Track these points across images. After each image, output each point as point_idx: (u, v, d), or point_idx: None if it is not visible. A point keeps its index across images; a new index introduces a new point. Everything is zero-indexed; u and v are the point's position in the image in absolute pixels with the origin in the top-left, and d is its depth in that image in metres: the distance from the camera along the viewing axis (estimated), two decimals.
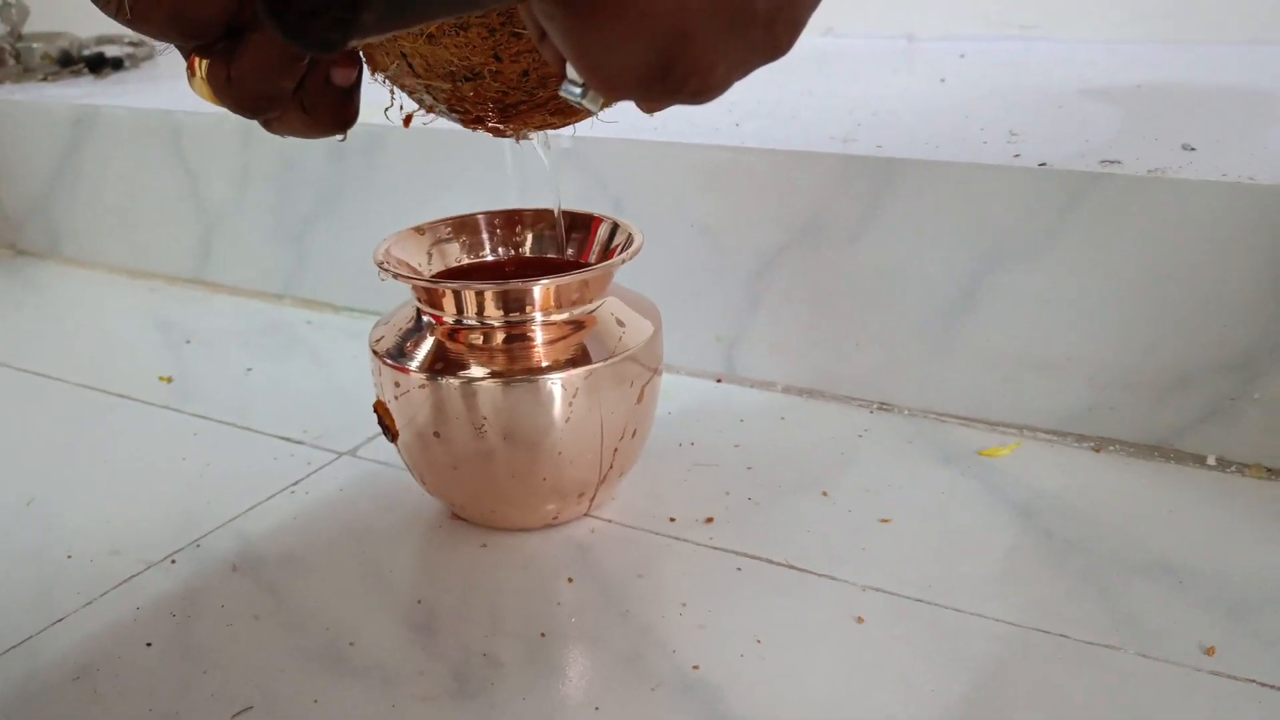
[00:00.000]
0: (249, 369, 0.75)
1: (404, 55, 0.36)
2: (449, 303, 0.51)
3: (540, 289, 0.50)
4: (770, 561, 0.52)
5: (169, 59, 1.10)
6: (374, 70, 0.39)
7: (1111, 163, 0.58)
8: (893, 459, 0.60)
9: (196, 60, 0.35)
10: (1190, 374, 0.58)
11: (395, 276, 0.51)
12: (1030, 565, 0.51)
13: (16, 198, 0.99)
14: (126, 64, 1.05)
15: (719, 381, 0.70)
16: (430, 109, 0.40)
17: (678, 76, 0.26)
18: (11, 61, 1.02)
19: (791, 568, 0.51)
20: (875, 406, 0.66)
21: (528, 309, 0.50)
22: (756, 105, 0.75)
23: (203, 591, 0.51)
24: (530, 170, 0.72)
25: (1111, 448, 0.60)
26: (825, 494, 0.57)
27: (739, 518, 0.55)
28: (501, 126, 0.40)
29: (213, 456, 0.63)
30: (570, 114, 0.40)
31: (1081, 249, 0.58)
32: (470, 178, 0.74)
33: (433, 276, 0.55)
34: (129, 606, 0.50)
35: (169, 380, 0.73)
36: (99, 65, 1.03)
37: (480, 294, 0.50)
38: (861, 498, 0.57)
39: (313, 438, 0.65)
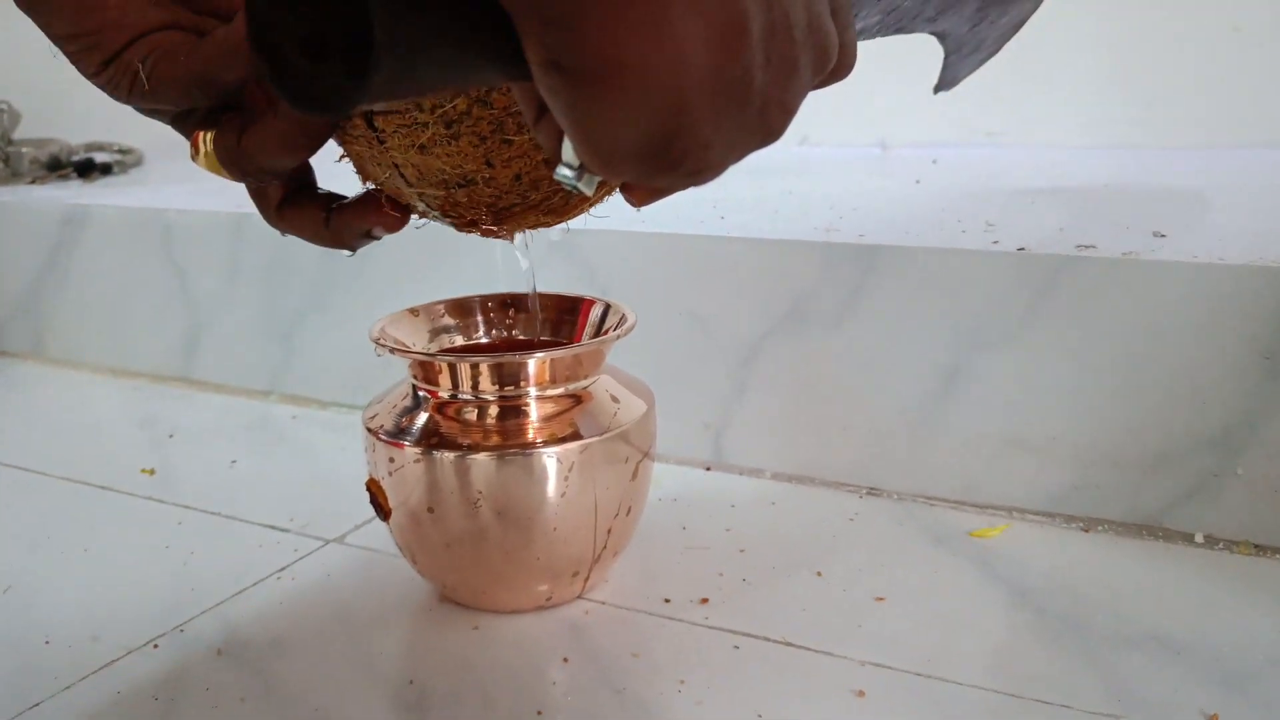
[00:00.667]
0: (233, 461, 0.74)
1: (396, 166, 0.37)
2: (444, 377, 0.51)
3: (535, 363, 0.51)
4: (768, 639, 0.51)
5: (156, 166, 1.12)
6: (365, 179, 0.40)
7: (1086, 247, 0.60)
8: (884, 540, 0.60)
9: (200, 136, 0.36)
10: (1173, 451, 0.58)
11: (392, 351, 0.52)
12: (1026, 641, 0.51)
13: (1, 298, 0.99)
14: (115, 170, 1.07)
15: (708, 470, 0.70)
16: (423, 215, 0.40)
17: (676, 153, 0.27)
18: (1, 165, 1.03)
19: (789, 645, 0.51)
20: (864, 491, 0.66)
21: (522, 383, 0.51)
22: (739, 202, 0.77)
23: (186, 676, 0.50)
24: (518, 272, 0.73)
25: (1100, 527, 0.60)
26: (819, 574, 0.57)
27: (734, 598, 0.55)
28: (495, 228, 0.40)
29: (196, 545, 0.62)
30: (563, 213, 0.40)
31: (1061, 330, 0.60)
32: (460, 271, 0.75)
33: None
34: (109, 691, 0.49)
35: (151, 472, 0.72)
36: (87, 170, 1.05)
37: (476, 367, 0.50)
38: (855, 577, 0.56)
39: (299, 526, 0.64)
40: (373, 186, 0.40)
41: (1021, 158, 0.93)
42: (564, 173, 0.30)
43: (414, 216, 0.41)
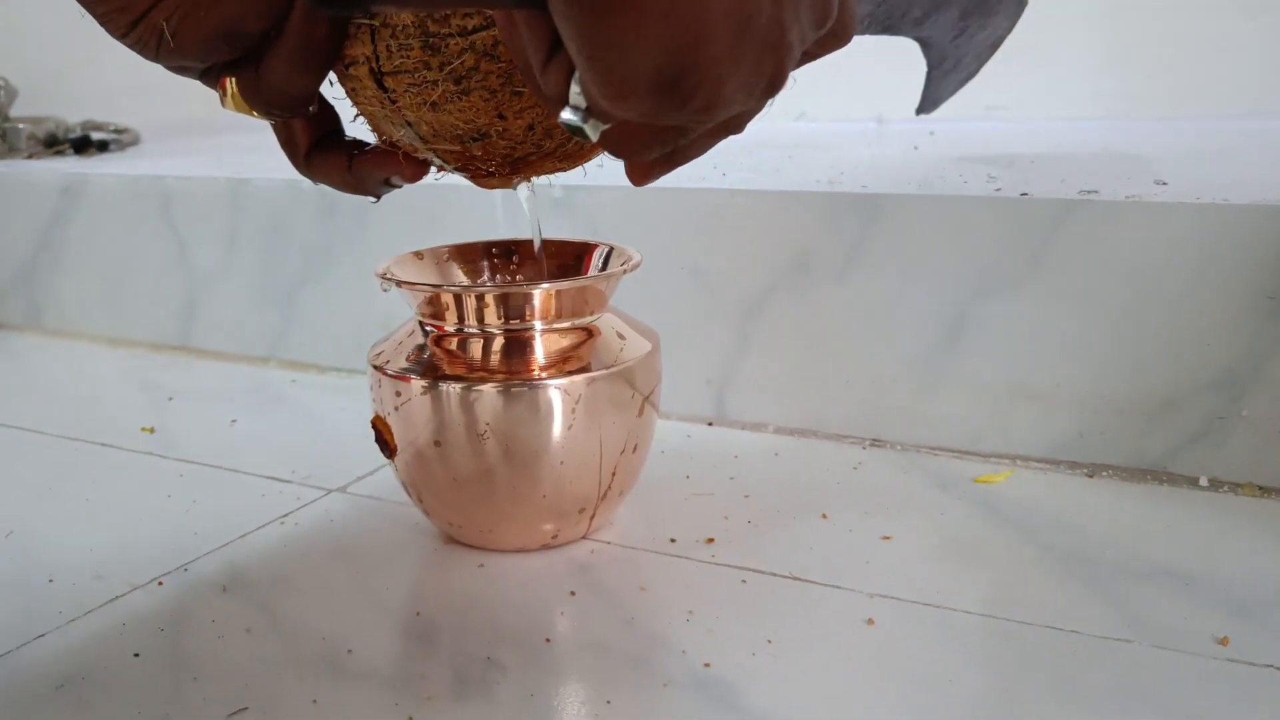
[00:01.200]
0: (233, 420, 0.74)
1: (409, 124, 0.37)
2: (450, 312, 0.51)
3: (541, 294, 0.50)
4: (774, 574, 0.51)
5: (153, 146, 1.12)
6: (380, 138, 0.40)
7: (1090, 192, 0.60)
8: (889, 487, 0.60)
9: (227, 80, 0.36)
10: (1178, 395, 0.58)
11: (398, 284, 0.51)
12: (1034, 574, 0.51)
13: None
14: (111, 148, 1.07)
15: (710, 425, 0.70)
16: (440, 169, 0.41)
17: (690, 85, 0.27)
18: None
19: (796, 579, 0.51)
20: (868, 443, 0.66)
21: (528, 316, 0.51)
22: (740, 163, 0.78)
23: (192, 609, 0.49)
24: (521, 220, 0.73)
25: (1105, 473, 0.60)
26: (824, 516, 0.57)
27: (740, 538, 0.55)
28: (510, 177, 0.40)
29: (199, 494, 0.62)
30: (578, 158, 0.40)
31: (1064, 276, 0.60)
32: (461, 233, 0.74)
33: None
34: (114, 623, 0.48)
35: (151, 431, 0.72)
36: (84, 147, 1.05)
37: (481, 299, 0.50)
38: (861, 519, 0.56)
39: (301, 477, 0.64)
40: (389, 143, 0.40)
41: (1021, 129, 0.93)
42: (568, 117, 0.30)
43: (432, 169, 0.41)
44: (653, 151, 0.33)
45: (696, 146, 0.35)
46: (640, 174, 0.37)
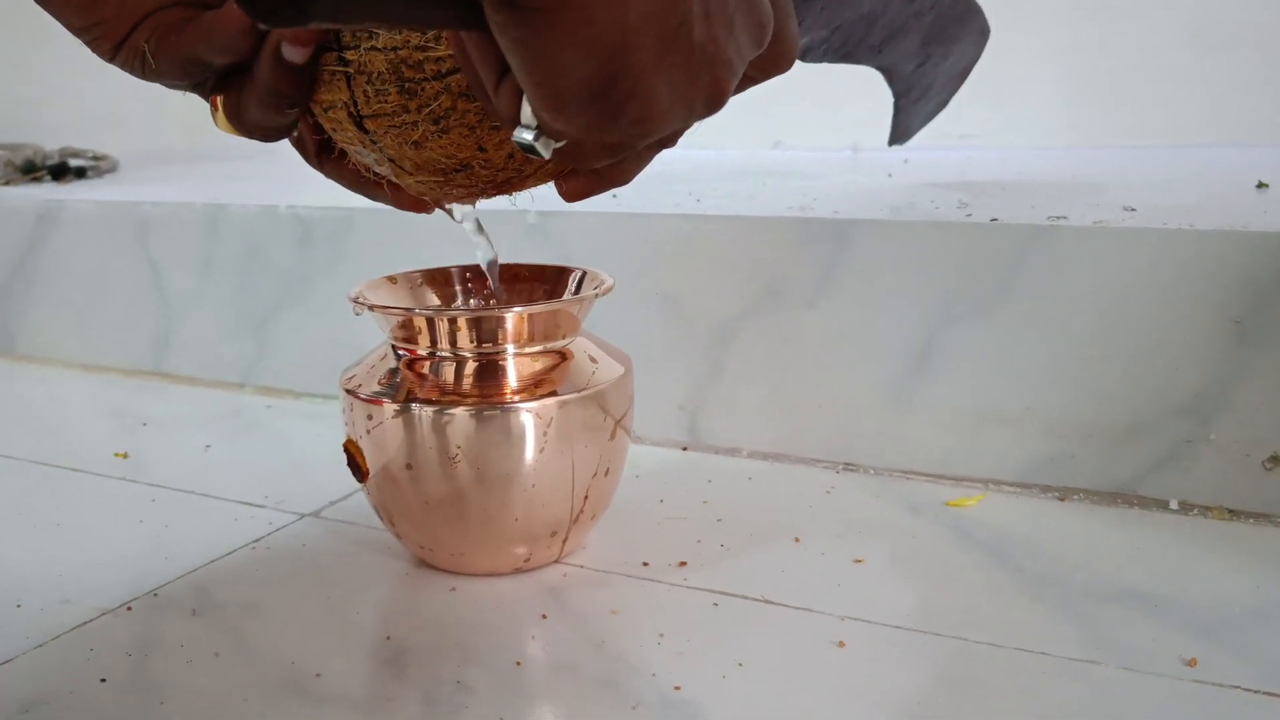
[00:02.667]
0: (207, 446, 0.74)
1: (392, 160, 0.38)
2: (423, 335, 0.51)
3: (514, 318, 0.51)
4: (746, 598, 0.51)
5: (131, 173, 1.12)
6: (365, 170, 0.41)
7: (1058, 218, 0.61)
8: (861, 511, 0.60)
9: (216, 99, 0.37)
10: (1146, 420, 0.59)
11: (371, 308, 0.52)
12: (1005, 596, 0.51)
13: None
14: (89, 174, 1.07)
15: (684, 450, 0.70)
16: (424, 196, 0.41)
17: (620, 94, 0.28)
18: None
19: (768, 602, 0.51)
20: (840, 467, 0.66)
21: (501, 339, 0.51)
22: (715, 190, 0.78)
23: (160, 634, 0.49)
24: (497, 245, 0.73)
25: (1076, 496, 0.61)
26: (797, 540, 0.57)
27: (712, 562, 0.55)
28: (492, 196, 0.41)
29: (171, 519, 0.62)
30: (556, 173, 0.40)
31: (1033, 301, 0.60)
32: (437, 258, 0.75)
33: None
34: (82, 647, 0.48)
35: (124, 456, 0.72)
36: (61, 174, 1.05)
37: (454, 323, 0.51)
38: (833, 543, 0.56)
39: (274, 502, 0.63)
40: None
41: (993, 157, 0.94)
42: (521, 136, 0.31)
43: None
44: (600, 161, 0.33)
45: (633, 163, 0.36)
46: (573, 193, 0.38)
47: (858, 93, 1.03)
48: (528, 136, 0.31)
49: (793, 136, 1.07)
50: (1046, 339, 0.60)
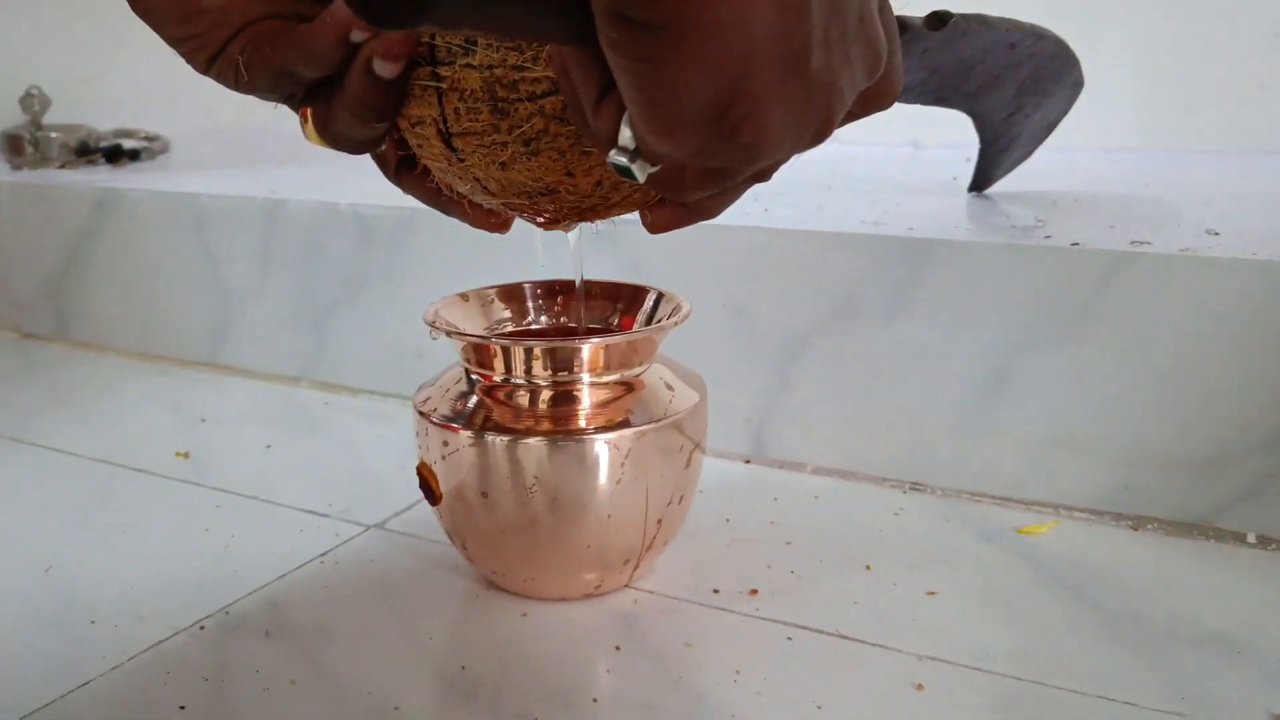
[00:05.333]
0: (268, 446, 0.74)
1: (477, 179, 0.37)
2: (498, 361, 0.51)
3: (589, 349, 0.50)
4: (821, 632, 0.51)
5: (183, 153, 1.12)
6: (447, 190, 0.40)
7: (1142, 243, 0.59)
8: (932, 536, 0.60)
9: (306, 110, 0.37)
10: (1227, 452, 0.58)
11: (447, 334, 0.51)
12: (1085, 637, 0.50)
13: (26, 281, 0.98)
14: (142, 156, 1.06)
15: (747, 462, 0.69)
16: (503, 214, 0.41)
17: (735, 118, 0.27)
18: (30, 150, 1.03)
19: (844, 638, 0.50)
20: (908, 487, 0.65)
21: (576, 369, 0.50)
22: (780, 197, 0.77)
23: (235, 657, 0.49)
24: (561, 250, 0.73)
25: (1149, 526, 0.60)
26: (869, 568, 0.56)
27: (784, 590, 0.54)
28: (575, 222, 0.40)
29: (237, 528, 0.62)
30: (643, 203, 0.40)
31: (1114, 328, 0.59)
32: (500, 259, 0.74)
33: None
34: (158, 671, 0.48)
35: (185, 456, 0.72)
36: (116, 156, 1.05)
37: (530, 352, 0.50)
38: (905, 572, 0.56)
39: (339, 511, 0.63)
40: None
41: (1060, 160, 0.92)
42: (616, 158, 0.30)
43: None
44: (698, 193, 0.33)
45: (728, 196, 0.35)
46: (659, 225, 0.38)
47: None
48: (623, 159, 0.30)
49: (851, 132, 1.05)
50: (1126, 366, 0.59)
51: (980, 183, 0.76)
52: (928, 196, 0.77)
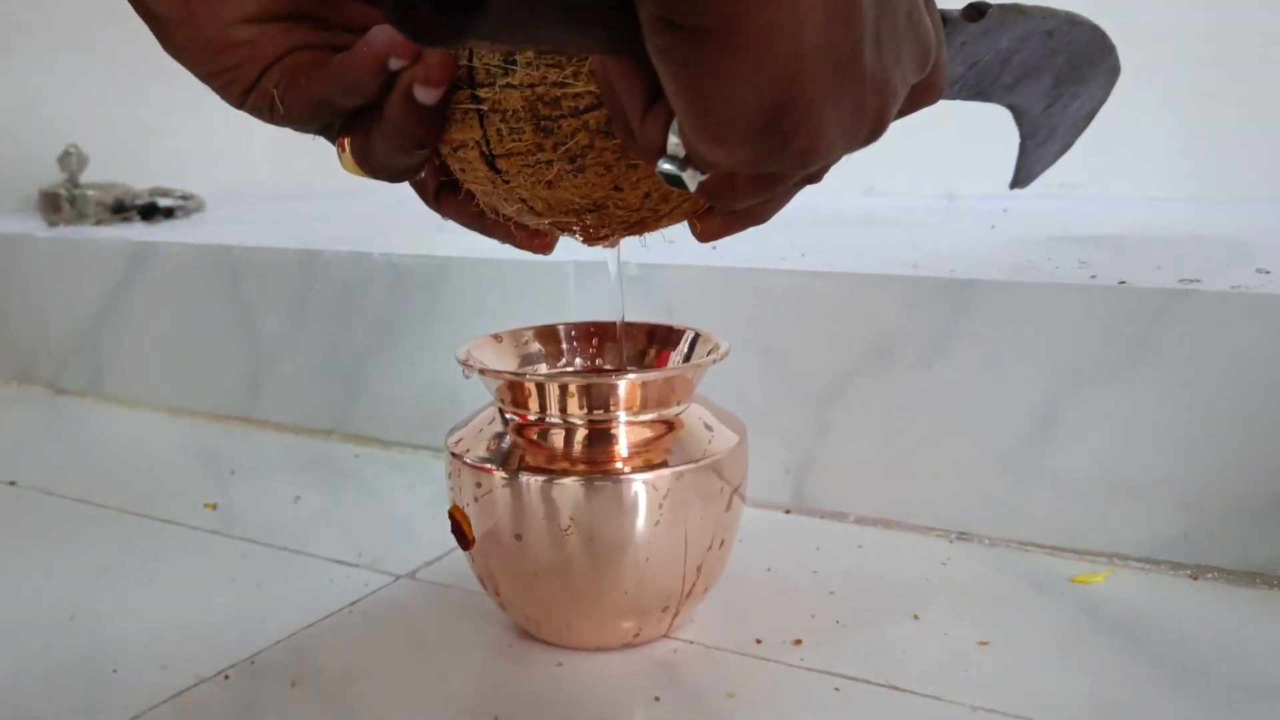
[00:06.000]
0: (297, 497, 0.72)
1: (523, 200, 0.36)
2: (533, 400, 0.49)
3: (625, 385, 0.49)
4: (869, 682, 0.48)
5: (218, 211, 1.12)
6: (491, 213, 0.39)
7: (1191, 281, 0.58)
8: (981, 585, 0.57)
9: (343, 140, 0.36)
10: None
11: (481, 372, 0.50)
12: (1147, 689, 0.47)
13: (61, 335, 0.99)
14: (177, 214, 1.07)
15: (788, 512, 0.67)
16: (549, 233, 0.40)
17: (789, 125, 0.26)
18: (67, 207, 1.04)
19: (894, 688, 0.48)
20: (954, 536, 0.63)
21: (612, 407, 0.49)
22: (816, 243, 0.76)
23: (261, 707, 0.47)
24: (593, 299, 0.72)
25: (1210, 575, 0.57)
26: (916, 617, 0.54)
27: (829, 640, 0.52)
28: (623, 236, 0.39)
29: (264, 577, 0.60)
30: (692, 213, 0.39)
31: (1166, 368, 0.57)
32: (533, 306, 0.73)
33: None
34: None
35: (214, 507, 0.71)
36: (150, 213, 1.05)
37: (565, 389, 0.49)
38: (955, 622, 0.54)
39: (368, 561, 0.62)
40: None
41: (1097, 209, 0.91)
42: (666, 167, 0.29)
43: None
44: (750, 200, 0.32)
45: (778, 202, 0.34)
46: (709, 233, 0.37)
47: (951, 140, 1.00)
48: (673, 167, 0.29)
49: (885, 183, 1.04)
50: (1180, 408, 0.57)
51: (1022, 178, 0.74)
52: (966, 241, 0.76)
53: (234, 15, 0.34)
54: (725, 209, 0.34)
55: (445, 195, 0.39)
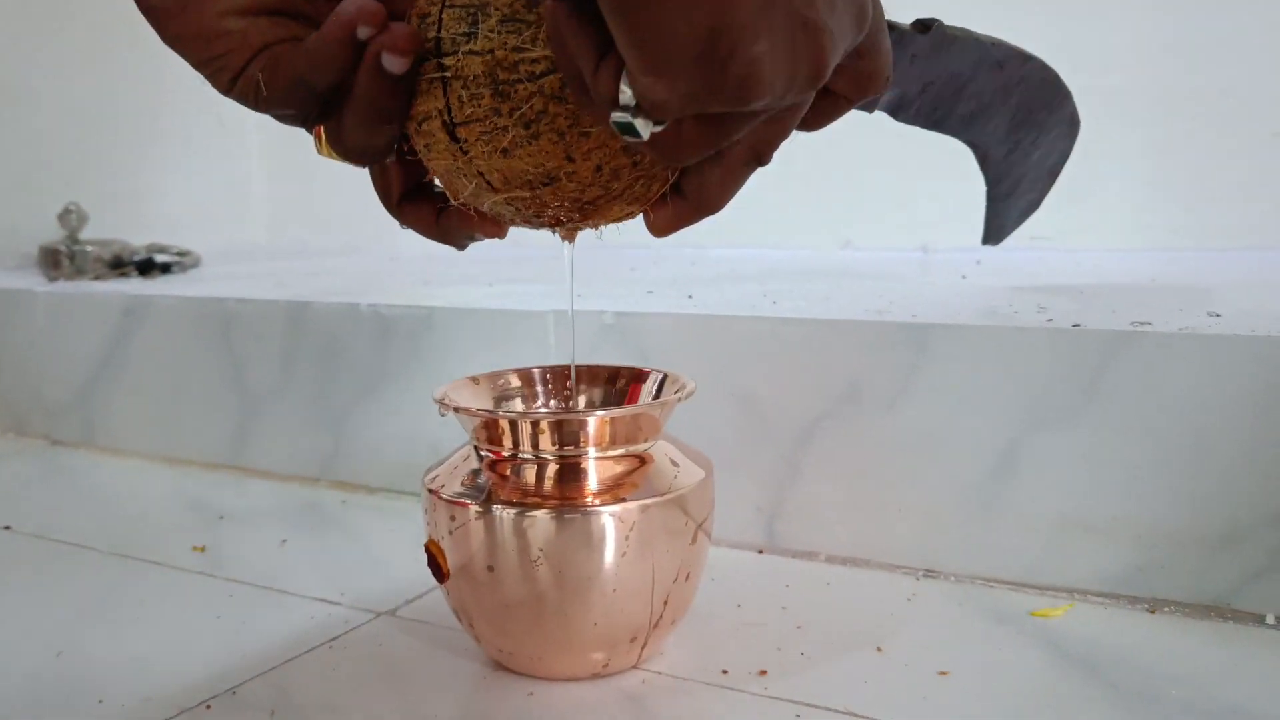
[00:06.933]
0: (283, 540, 0.74)
1: (480, 174, 0.39)
2: (506, 437, 0.51)
3: (595, 422, 0.51)
4: (830, 709, 0.50)
5: (214, 268, 1.15)
6: (454, 196, 0.41)
7: (1142, 324, 0.60)
8: (944, 619, 0.59)
9: (319, 129, 0.39)
10: (1239, 530, 0.57)
11: (455, 410, 0.52)
12: (1100, 715, 0.49)
13: (57, 389, 1.01)
14: (174, 269, 1.10)
15: (760, 552, 0.69)
16: (510, 221, 0.42)
17: (721, 53, 0.29)
18: (66, 263, 1.06)
19: (853, 714, 0.49)
20: (921, 573, 0.65)
21: (582, 443, 0.51)
22: (789, 292, 0.79)
23: None
24: (575, 348, 0.74)
25: (1167, 608, 0.59)
26: (879, 649, 0.56)
27: (793, 670, 0.54)
28: (580, 223, 0.42)
29: (248, 616, 0.62)
30: (644, 199, 0.41)
31: (1120, 408, 0.59)
32: (511, 359, 0.76)
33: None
34: None
35: (202, 550, 0.73)
36: (148, 269, 1.08)
37: (536, 425, 0.51)
38: (917, 652, 0.55)
39: (350, 600, 0.63)
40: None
41: (1067, 260, 0.94)
42: (619, 116, 0.32)
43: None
44: (700, 152, 0.34)
45: (727, 181, 0.37)
46: (661, 224, 0.40)
47: (927, 194, 1.04)
48: (625, 116, 0.32)
49: (862, 236, 1.07)
50: (1134, 446, 0.59)
51: (992, 233, 0.77)
52: (935, 291, 0.78)
53: (224, 7, 0.36)
54: (676, 163, 0.36)
55: (407, 204, 0.42)
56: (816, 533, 0.68)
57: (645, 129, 0.32)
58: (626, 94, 0.31)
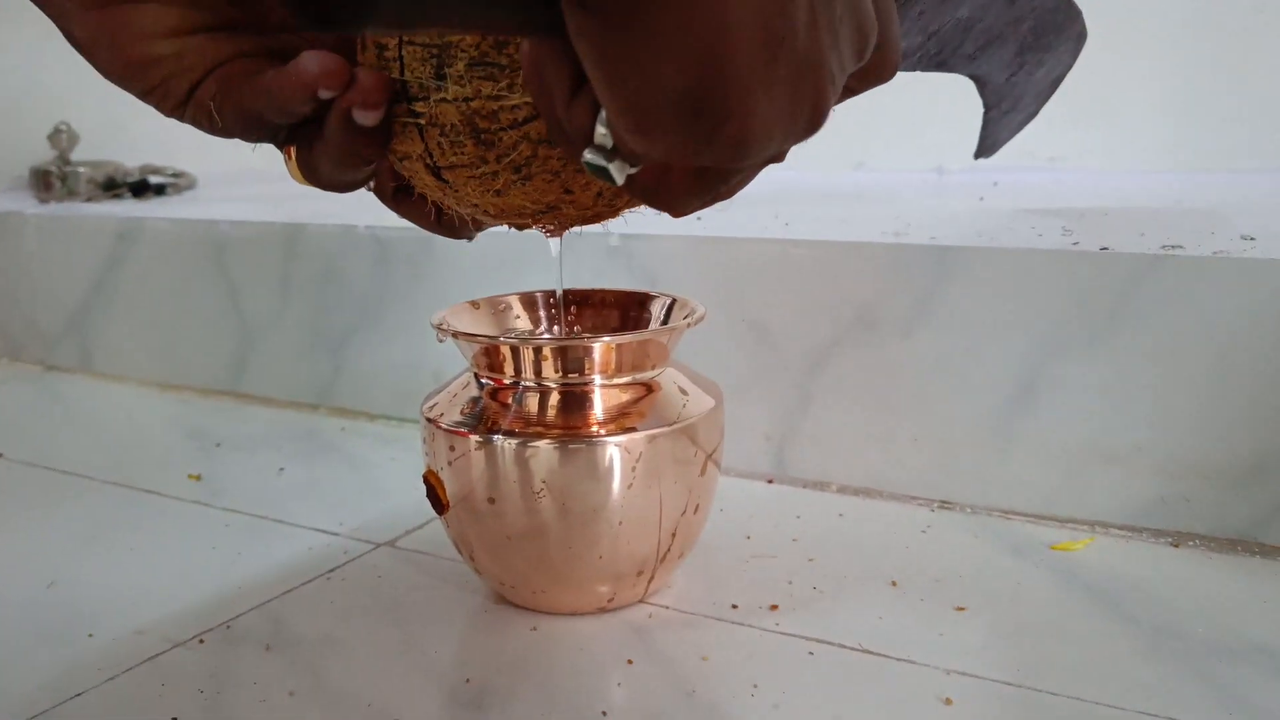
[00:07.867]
0: (281, 469, 0.72)
1: (475, 205, 0.36)
2: (507, 364, 0.49)
3: (601, 348, 0.49)
4: (843, 646, 0.48)
5: (209, 190, 1.12)
6: (447, 210, 0.39)
7: (1173, 247, 0.57)
8: (961, 552, 0.57)
9: (289, 150, 0.36)
10: (1268, 461, 0.55)
11: (454, 335, 0.50)
12: (1122, 650, 0.47)
13: (51, 314, 0.99)
14: (168, 191, 1.07)
15: (770, 482, 0.67)
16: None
17: (715, 107, 0.24)
18: (57, 184, 1.04)
19: (867, 652, 0.48)
20: (936, 505, 0.63)
21: (587, 370, 0.49)
22: (801, 213, 0.76)
23: (233, 670, 0.48)
24: (580, 270, 0.72)
25: (1190, 542, 0.57)
26: (894, 584, 0.54)
27: (805, 605, 0.52)
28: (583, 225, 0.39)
29: (244, 547, 0.60)
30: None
31: (1146, 334, 0.57)
32: (518, 278, 0.73)
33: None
34: (153, 683, 0.47)
35: (198, 478, 0.71)
36: (142, 191, 1.05)
37: (539, 352, 0.49)
38: (932, 587, 0.53)
39: (349, 530, 0.62)
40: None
41: (1086, 181, 0.91)
42: (591, 158, 0.27)
43: None
44: (691, 203, 0.30)
45: (739, 181, 0.33)
46: (676, 198, 0.35)
47: (941, 114, 1.00)
48: (598, 158, 0.27)
49: (876, 158, 1.04)
50: (1160, 373, 0.57)
51: (985, 148, 0.74)
52: (951, 212, 0.75)
53: (150, 30, 0.33)
54: (658, 209, 0.32)
55: (402, 196, 0.38)
56: (829, 462, 0.66)
57: (620, 174, 0.28)
58: (602, 134, 0.27)
